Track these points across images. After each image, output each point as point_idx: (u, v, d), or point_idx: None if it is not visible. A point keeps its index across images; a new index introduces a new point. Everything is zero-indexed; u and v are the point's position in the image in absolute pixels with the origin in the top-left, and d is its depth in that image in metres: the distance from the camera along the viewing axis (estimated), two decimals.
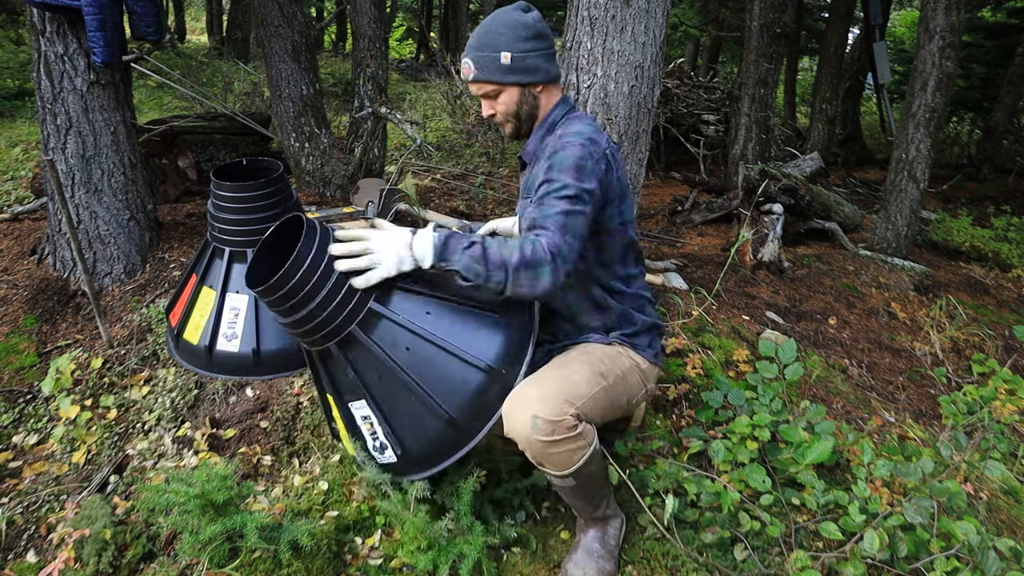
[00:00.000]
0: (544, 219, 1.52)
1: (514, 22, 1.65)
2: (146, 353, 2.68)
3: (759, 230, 4.39)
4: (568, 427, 1.55)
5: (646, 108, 2.96)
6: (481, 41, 1.66)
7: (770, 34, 6.43)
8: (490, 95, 1.71)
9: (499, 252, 1.46)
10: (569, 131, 1.65)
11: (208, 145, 4.86)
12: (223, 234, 2.06)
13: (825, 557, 1.74)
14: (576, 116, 1.74)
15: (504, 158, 7.16)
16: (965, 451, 2.08)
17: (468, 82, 1.71)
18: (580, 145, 1.59)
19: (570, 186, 1.54)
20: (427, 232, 1.51)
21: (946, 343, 3.76)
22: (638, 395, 1.82)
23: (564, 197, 1.53)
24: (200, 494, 1.59)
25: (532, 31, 1.65)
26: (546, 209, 1.53)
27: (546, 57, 1.69)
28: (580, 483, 1.66)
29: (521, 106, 1.71)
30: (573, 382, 1.62)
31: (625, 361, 1.77)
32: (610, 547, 1.80)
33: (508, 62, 1.64)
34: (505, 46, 1.64)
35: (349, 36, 12.96)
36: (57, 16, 2.84)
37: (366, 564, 1.80)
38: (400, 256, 1.49)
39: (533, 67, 1.66)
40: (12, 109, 7.35)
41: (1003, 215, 6.17)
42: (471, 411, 1.60)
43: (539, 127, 1.75)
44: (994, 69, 9.09)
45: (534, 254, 1.46)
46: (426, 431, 1.63)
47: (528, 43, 1.65)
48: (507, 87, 1.68)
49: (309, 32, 4.70)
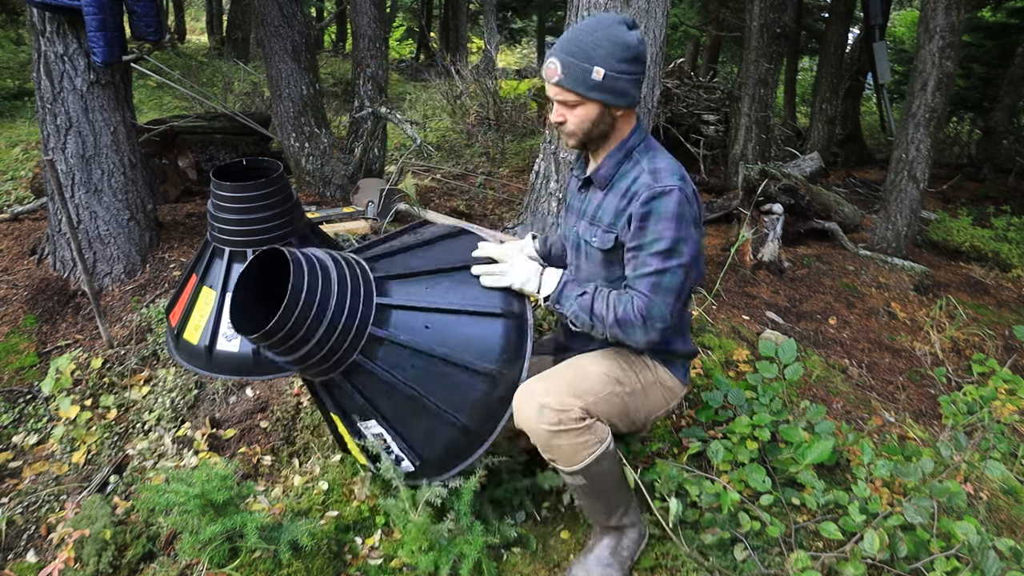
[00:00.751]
0: (637, 279, 1.58)
1: (616, 39, 1.54)
2: (146, 353, 2.68)
3: (759, 230, 4.39)
4: (574, 419, 1.56)
5: (646, 108, 2.96)
6: (576, 46, 1.55)
7: (770, 34, 6.43)
8: (568, 104, 1.60)
9: (602, 307, 1.60)
10: (661, 165, 1.60)
11: (208, 145, 4.86)
12: (223, 234, 2.06)
13: (825, 557, 1.74)
14: (654, 146, 1.68)
15: (504, 158, 7.16)
16: (965, 451, 2.08)
17: (549, 83, 1.61)
18: (679, 192, 1.55)
19: (664, 239, 1.54)
20: (556, 272, 1.70)
21: (946, 343, 3.76)
22: (658, 412, 1.79)
23: (657, 253, 1.55)
24: (200, 494, 1.59)
25: (632, 52, 1.55)
26: (640, 268, 1.58)
27: (637, 83, 1.61)
28: (591, 482, 1.64)
29: (597, 124, 1.62)
30: (584, 378, 1.64)
31: (648, 375, 1.74)
32: (622, 557, 1.77)
33: (599, 79, 1.54)
34: (601, 61, 1.53)
35: (349, 36, 12.96)
36: (57, 16, 2.84)
37: (366, 564, 1.80)
38: (528, 276, 1.69)
39: (622, 90, 1.57)
40: (12, 109, 7.35)
41: (1003, 215, 6.17)
42: (482, 415, 1.63)
43: (614, 151, 1.67)
44: (994, 69, 9.08)
45: (625, 315, 1.57)
46: (440, 440, 1.65)
47: (625, 64, 1.55)
48: (590, 102, 1.59)
49: (309, 32, 4.70)
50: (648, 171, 1.60)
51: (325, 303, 1.50)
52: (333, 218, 3.96)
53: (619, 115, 1.63)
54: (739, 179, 5.14)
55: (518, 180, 6.26)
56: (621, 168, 1.66)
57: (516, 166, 6.98)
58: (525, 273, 1.69)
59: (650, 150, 1.66)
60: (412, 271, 1.70)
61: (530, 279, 1.68)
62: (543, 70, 1.61)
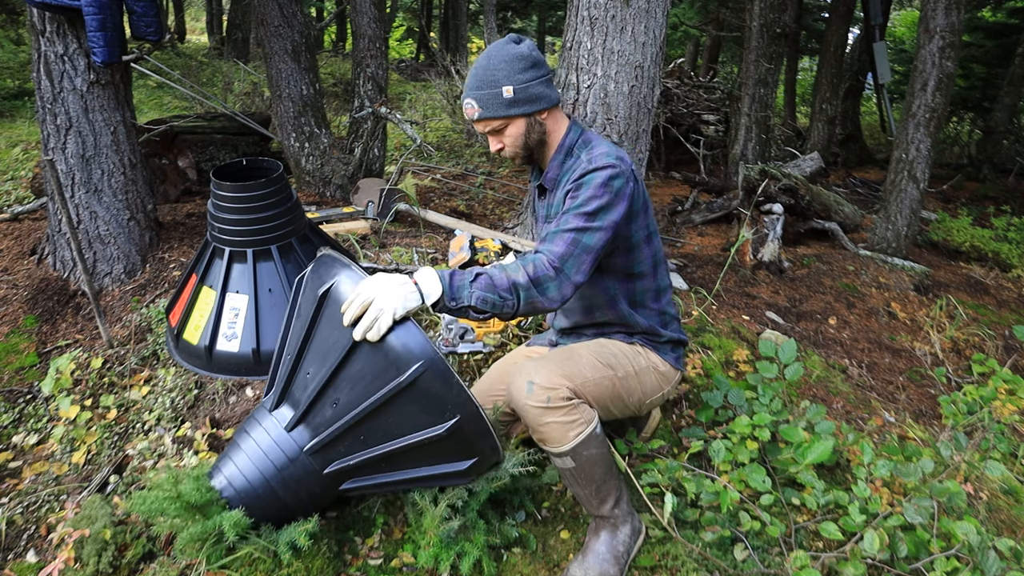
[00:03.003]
0: (555, 235, 1.60)
1: (510, 55, 1.65)
2: (146, 353, 2.68)
3: (759, 230, 4.39)
4: (563, 397, 1.61)
5: (646, 108, 2.96)
6: (480, 79, 1.66)
7: (770, 34, 6.43)
8: (497, 130, 1.71)
9: (504, 276, 1.50)
10: (596, 152, 1.68)
11: (208, 145, 4.86)
12: (223, 234, 2.06)
13: (825, 557, 1.74)
14: (593, 137, 1.77)
15: (503, 158, 7.15)
16: (965, 451, 2.08)
17: (473, 121, 1.72)
18: (610, 169, 1.62)
19: (591, 204, 1.59)
20: (430, 270, 1.48)
21: (946, 343, 3.76)
22: (654, 396, 1.86)
23: (581, 214, 1.59)
24: (176, 496, 1.58)
25: (529, 61, 1.66)
26: (562, 224, 1.60)
27: (546, 83, 1.70)
28: (580, 465, 1.68)
29: (529, 135, 1.71)
30: (575, 362, 1.70)
31: (642, 360, 1.82)
32: (618, 553, 1.78)
33: (511, 95, 1.65)
34: (506, 80, 1.64)
35: (349, 36, 12.95)
36: (57, 16, 2.84)
37: (366, 564, 1.80)
38: (403, 294, 1.42)
39: (536, 96, 1.67)
40: (12, 109, 7.36)
41: (1003, 215, 6.17)
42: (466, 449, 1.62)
43: (556, 153, 1.76)
44: (994, 69, 9.08)
45: (537, 271, 1.53)
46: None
47: (527, 73, 1.66)
48: (513, 119, 1.69)
49: (309, 32, 4.70)
50: (586, 160, 1.68)
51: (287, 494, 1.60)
52: (333, 218, 3.96)
53: (545, 118, 1.72)
54: (739, 179, 5.14)
55: (518, 180, 6.27)
56: (564, 166, 1.75)
57: (516, 166, 6.98)
58: (395, 293, 1.41)
59: (588, 143, 1.74)
60: (365, 456, 1.57)
61: (406, 296, 1.42)
62: (464, 113, 1.72)
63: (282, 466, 1.58)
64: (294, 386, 1.60)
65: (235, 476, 1.60)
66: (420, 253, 3.38)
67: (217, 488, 1.60)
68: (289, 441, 1.58)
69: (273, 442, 1.58)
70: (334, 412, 1.52)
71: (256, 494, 1.59)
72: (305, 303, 1.59)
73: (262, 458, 1.58)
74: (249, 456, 1.60)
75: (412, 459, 1.58)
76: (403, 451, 1.54)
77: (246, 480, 1.59)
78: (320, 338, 1.54)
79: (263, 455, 1.58)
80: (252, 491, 1.59)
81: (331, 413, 1.53)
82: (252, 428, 1.63)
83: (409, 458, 1.57)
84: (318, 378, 1.52)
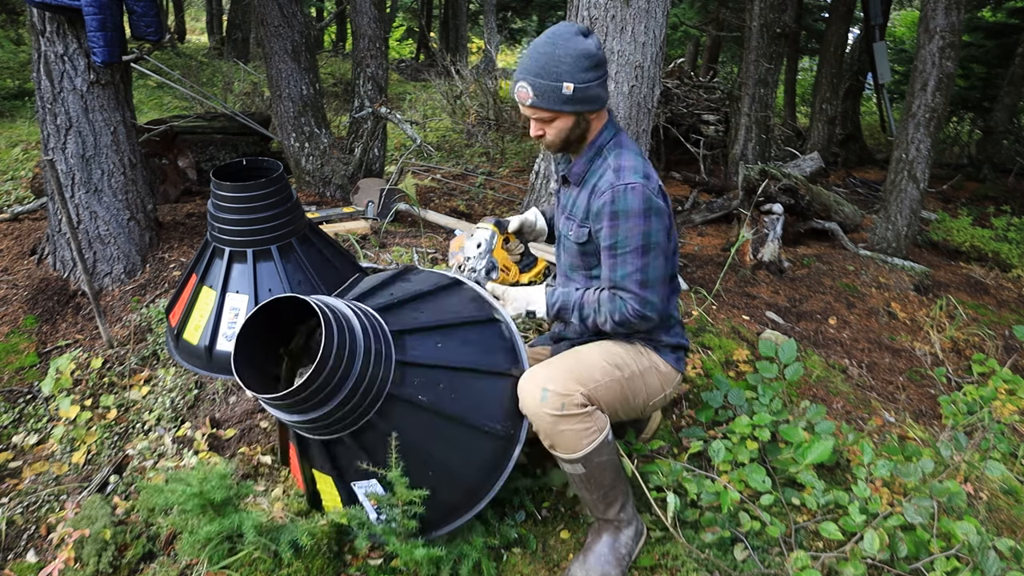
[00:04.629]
0: (623, 280, 1.68)
1: (577, 51, 1.60)
2: (146, 353, 2.68)
3: (759, 230, 4.39)
4: (577, 404, 1.60)
5: (646, 108, 2.96)
6: (541, 67, 1.60)
7: (770, 34, 6.43)
8: (544, 120, 1.69)
9: (594, 321, 1.74)
10: (625, 164, 1.68)
11: (208, 145, 4.86)
12: (223, 234, 2.06)
13: (825, 557, 1.74)
14: (624, 141, 1.76)
15: (504, 158, 7.16)
16: (965, 451, 2.08)
17: (523, 105, 1.68)
18: (641, 188, 1.64)
19: (636, 235, 1.64)
20: (541, 290, 1.81)
21: (946, 343, 3.76)
22: (656, 397, 1.85)
23: (634, 251, 1.65)
24: (199, 493, 1.59)
25: (594, 60, 1.62)
26: (621, 268, 1.68)
27: (604, 85, 1.69)
28: (590, 472, 1.67)
29: (574, 131, 1.71)
30: (585, 366, 1.70)
31: (644, 360, 1.82)
32: (620, 555, 1.77)
33: (570, 92, 1.61)
34: (568, 76, 1.60)
35: (349, 36, 12.95)
36: (57, 16, 2.84)
37: (366, 564, 1.80)
38: (530, 300, 1.81)
39: (593, 97, 1.65)
40: (12, 109, 7.36)
41: (1003, 215, 6.17)
42: (483, 474, 1.65)
43: (587, 149, 1.76)
44: (994, 69, 9.08)
45: (623, 318, 1.69)
46: (440, 499, 1.63)
47: (590, 73, 1.62)
48: (564, 115, 1.67)
49: (309, 32, 4.71)
50: (613, 169, 1.69)
51: (352, 361, 1.44)
52: (333, 218, 3.96)
53: (592, 118, 1.72)
54: (739, 179, 5.14)
55: (518, 180, 6.27)
56: (593, 165, 1.76)
57: (516, 166, 6.99)
58: (524, 299, 1.81)
59: (618, 147, 1.74)
60: (422, 326, 1.64)
61: (534, 302, 1.82)
62: (514, 93, 1.69)
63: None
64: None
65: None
66: (420, 253, 3.38)
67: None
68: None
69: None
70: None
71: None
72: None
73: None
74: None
75: (463, 340, 1.66)
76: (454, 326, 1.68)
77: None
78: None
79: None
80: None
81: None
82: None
83: (459, 338, 1.66)
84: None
